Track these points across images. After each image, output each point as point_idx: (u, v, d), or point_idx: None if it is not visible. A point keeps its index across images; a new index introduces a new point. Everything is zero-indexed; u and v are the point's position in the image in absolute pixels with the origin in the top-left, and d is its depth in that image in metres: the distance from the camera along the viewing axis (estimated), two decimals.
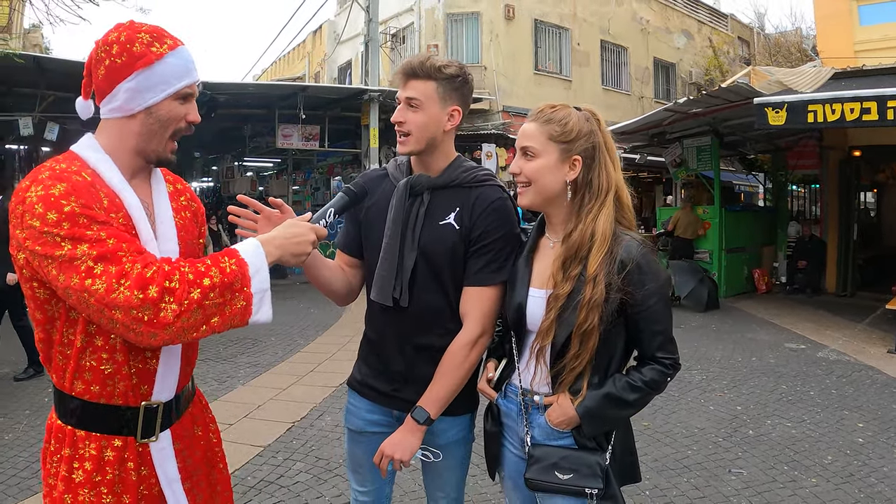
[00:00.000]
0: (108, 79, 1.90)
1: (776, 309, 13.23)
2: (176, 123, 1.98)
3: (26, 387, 7.62)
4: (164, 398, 2.00)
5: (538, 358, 2.31)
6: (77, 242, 1.67)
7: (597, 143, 2.30)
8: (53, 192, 1.71)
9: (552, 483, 2.25)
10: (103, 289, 1.64)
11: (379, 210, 2.60)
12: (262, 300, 1.83)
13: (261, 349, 9.49)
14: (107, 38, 1.92)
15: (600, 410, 2.22)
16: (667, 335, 2.26)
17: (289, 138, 17.37)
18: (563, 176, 2.29)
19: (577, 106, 2.38)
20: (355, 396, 2.74)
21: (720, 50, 28.57)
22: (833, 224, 15.52)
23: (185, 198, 2.24)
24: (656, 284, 2.22)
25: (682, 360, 2.35)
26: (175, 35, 2.00)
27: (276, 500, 4.77)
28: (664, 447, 5.70)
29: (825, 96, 9.75)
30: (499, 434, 2.54)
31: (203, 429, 2.22)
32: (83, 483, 1.89)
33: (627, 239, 2.24)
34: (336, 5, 27.65)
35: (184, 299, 1.67)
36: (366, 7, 17.46)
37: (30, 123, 13.68)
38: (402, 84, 2.50)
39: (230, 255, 1.81)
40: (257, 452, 5.60)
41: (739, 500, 4.71)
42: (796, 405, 6.91)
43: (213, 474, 2.23)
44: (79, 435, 1.91)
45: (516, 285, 2.38)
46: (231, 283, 1.75)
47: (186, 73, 1.97)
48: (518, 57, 21.73)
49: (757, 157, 18.48)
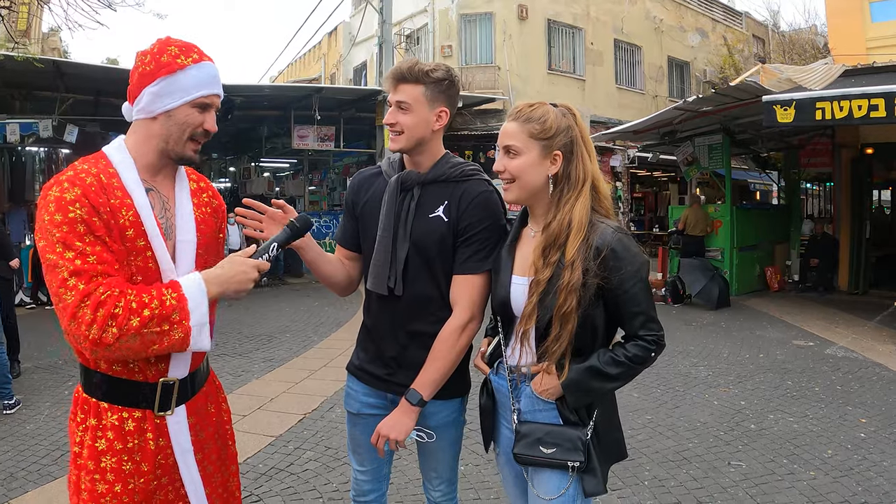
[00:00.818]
0: (138, 83, 2.14)
1: (787, 307, 13.24)
2: (192, 129, 2.18)
3: (47, 380, 7.85)
4: (179, 375, 2.19)
5: (523, 341, 2.44)
6: (66, 248, 1.92)
7: (574, 137, 2.42)
8: (66, 195, 1.96)
9: (537, 457, 2.38)
10: (71, 301, 1.89)
11: (373, 205, 2.77)
12: (200, 332, 2.03)
13: (276, 345, 9.67)
14: (144, 50, 2.16)
15: (583, 383, 2.33)
16: (648, 314, 2.34)
17: (304, 139, 17.50)
18: (545, 171, 2.41)
19: (553, 103, 2.50)
20: (353, 380, 2.91)
21: (735, 48, 28.47)
22: (845, 222, 15.50)
23: (207, 195, 2.43)
24: (633, 268, 2.30)
25: (690, 357, 2.47)
26: (205, 52, 2.21)
27: (285, 486, 4.94)
28: (666, 440, 5.80)
29: (833, 93, 9.78)
30: (492, 409, 2.68)
31: (216, 407, 2.43)
32: (105, 451, 2.09)
33: (603, 226, 2.34)
34: (351, 7, 27.75)
35: (123, 325, 1.89)
36: (379, 9, 17.58)
37: (49, 126, 13.90)
38: (392, 88, 2.66)
39: (173, 289, 2.01)
40: (269, 442, 5.77)
41: (737, 491, 4.80)
42: (800, 400, 6.98)
43: (223, 450, 2.43)
44: (102, 406, 2.12)
45: (500, 273, 2.53)
46: (169, 315, 1.96)
47: (206, 84, 2.17)
48: (531, 57, 21.77)
49: (769, 155, 18.45)
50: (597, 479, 2.38)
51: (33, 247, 13.41)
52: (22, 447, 5.70)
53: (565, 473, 2.37)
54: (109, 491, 2.08)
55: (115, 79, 13.69)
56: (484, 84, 20.98)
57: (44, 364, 8.58)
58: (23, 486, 4.97)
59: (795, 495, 4.74)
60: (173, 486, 2.20)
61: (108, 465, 2.09)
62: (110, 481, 2.08)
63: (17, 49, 12.61)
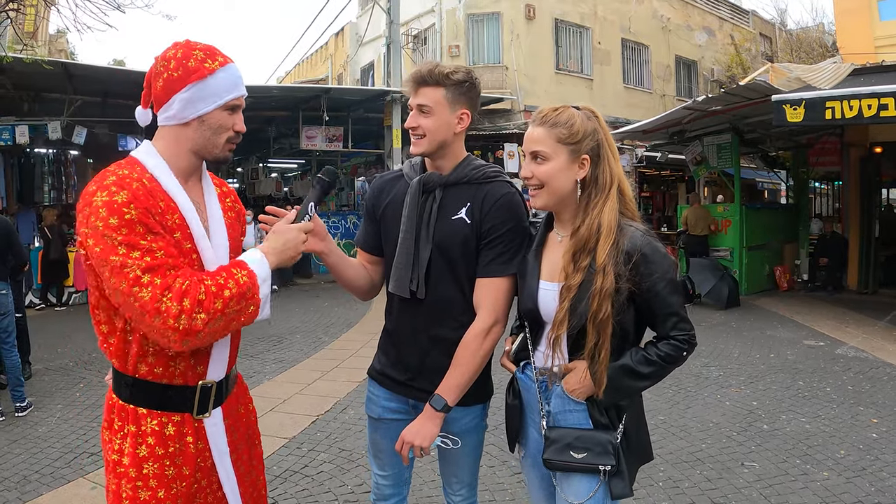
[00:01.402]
0: (165, 90, 2.12)
1: (797, 306, 13.22)
2: (226, 132, 2.20)
3: (59, 382, 7.88)
4: (216, 377, 2.22)
5: (555, 347, 2.42)
6: (131, 249, 1.90)
7: (600, 141, 2.40)
8: (117, 199, 1.94)
9: (568, 462, 2.38)
10: (149, 297, 1.87)
11: (395, 208, 2.76)
12: (265, 303, 2.09)
13: (286, 346, 9.69)
14: (165, 55, 2.15)
15: (616, 381, 2.32)
16: (679, 315, 2.34)
17: (313, 139, 17.52)
18: (574, 175, 2.39)
19: (576, 105, 2.47)
20: (374, 385, 2.90)
21: (742, 47, 28.41)
22: (854, 221, 15.46)
23: (230, 200, 2.45)
24: (662, 271, 2.31)
25: (701, 357, 2.47)
26: (226, 54, 2.21)
27: (300, 488, 4.95)
28: (679, 440, 5.81)
29: (843, 93, 9.75)
30: (519, 408, 2.67)
31: (245, 407, 2.45)
32: (147, 457, 2.09)
33: (631, 230, 2.34)
34: (358, 7, 27.77)
35: (210, 309, 1.92)
36: (387, 9, 17.59)
37: (58, 127, 13.96)
38: (413, 91, 2.65)
39: (241, 268, 2.06)
40: (283, 444, 5.78)
41: (751, 492, 4.80)
42: (811, 401, 6.97)
43: (252, 450, 2.45)
44: (141, 413, 2.12)
45: (527, 278, 2.51)
46: (245, 292, 2.01)
47: (234, 87, 2.18)
48: (539, 56, 21.75)
49: (778, 154, 18.41)
50: (624, 481, 2.39)
51: (42, 248, 13.46)
52: (35, 450, 5.72)
53: (595, 477, 2.38)
54: (153, 497, 2.09)
55: (123, 80, 13.75)
56: (491, 84, 20.96)
57: (54, 366, 8.61)
58: (36, 489, 4.99)
59: (809, 496, 4.74)
60: (211, 488, 2.22)
61: (150, 471, 2.09)
62: (153, 487, 2.09)
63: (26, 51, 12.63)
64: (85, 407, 6.92)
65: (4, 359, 6.92)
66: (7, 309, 6.88)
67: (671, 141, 16.47)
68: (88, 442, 5.89)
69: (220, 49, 2.21)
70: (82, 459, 5.52)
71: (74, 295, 14.04)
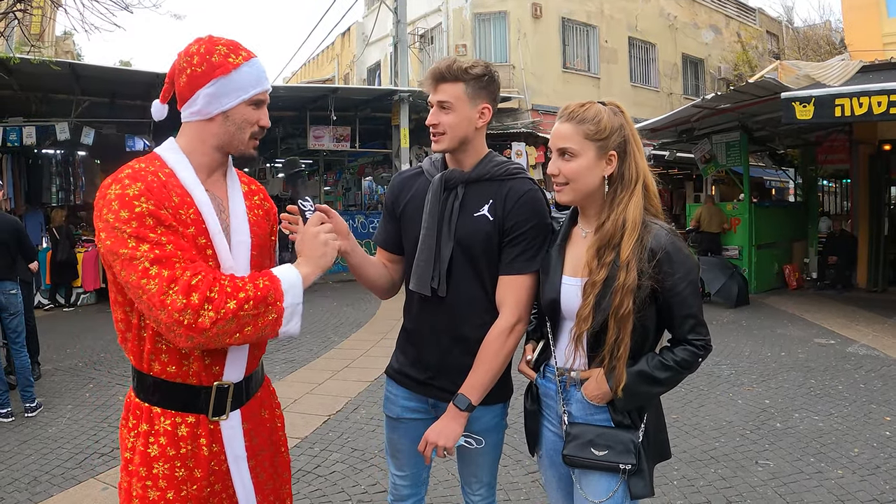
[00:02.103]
0: (189, 85, 2.10)
1: (806, 305, 13.18)
2: (250, 127, 2.17)
3: (68, 383, 7.89)
4: (234, 379, 2.17)
5: (577, 343, 2.40)
6: (140, 242, 1.88)
7: (626, 136, 2.39)
8: (129, 191, 1.93)
9: (588, 459, 2.35)
10: (155, 289, 1.85)
11: (416, 205, 2.73)
12: (292, 314, 2.04)
13: (296, 346, 9.66)
14: (188, 50, 2.13)
15: (633, 386, 2.31)
16: (697, 319, 2.33)
17: (320, 139, 17.50)
18: (601, 172, 2.37)
19: (602, 101, 2.45)
20: (393, 385, 2.87)
21: (749, 44, 28.38)
22: (863, 219, 15.39)
23: (259, 198, 2.42)
24: (685, 271, 2.30)
25: (712, 355, 2.45)
26: (249, 48, 2.19)
27: (313, 488, 4.94)
28: (692, 439, 5.79)
29: (852, 90, 9.73)
30: (538, 413, 2.65)
31: (269, 412, 2.39)
32: (157, 457, 2.06)
33: (656, 228, 2.33)
34: (364, 7, 27.79)
35: (221, 308, 1.88)
36: (394, 9, 17.58)
37: (66, 128, 13.96)
38: (432, 88, 2.62)
39: (264, 274, 2.02)
40: (295, 444, 5.76)
41: (766, 490, 4.78)
42: (824, 399, 6.95)
43: (276, 457, 2.40)
44: (155, 412, 2.09)
45: (550, 273, 2.49)
46: (265, 297, 1.96)
47: (258, 82, 2.16)
48: (546, 55, 21.76)
49: (787, 152, 18.35)
50: (644, 481, 2.37)
51: (50, 249, 13.48)
52: (45, 450, 5.73)
53: (615, 476, 2.35)
54: (161, 498, 2.06)
55: (130, 81, 13.77)
56: None
57: (63, 366, 8.62)
58: (47, 490, 4.99)
59: (824, 494, 4.72)
60: (227, 493, 2.17)
61: (160, 471, 2.06)
62: (162, 488, 2.06)
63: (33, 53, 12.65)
64: (95, 407, 6.92)
65: (14, 359, 6.93)
66: (17, 309, 6.90)
67: (679, 139, 16.44)
68: (99, 442, 5.89)
69: (243, 44, 2.19)
70: (93, 460, 5.51)
71: (83, 296, 14.04)
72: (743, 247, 14.69)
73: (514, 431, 5.62)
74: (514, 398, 2.81)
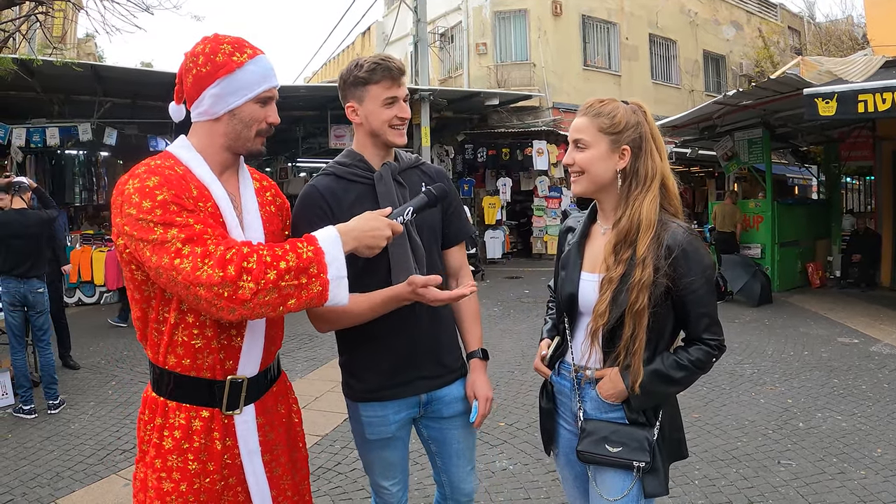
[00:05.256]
0: (195, 86, 2.12)
1: (830, 303, 13.05)
2: (258, 125, 2.18)
3: (91, 380, 7.99)
4: (248, 373, 2.18)
5: (593, 338, 2.42)
6: (168, 227, 1.89)
7: (643, 134, 2.41)
8: (148, 183, 1.94)
9: (602, 455, 2.36)
10: (189, 267, 1.85)
11: (365, 205, 2.54)
12: (338, 286, 2.00)
13: (317, 344, 9.71)
14: (194, 51, 2.14)
15: (648, 386, 2.32)
16: (712, 318, 2.35)
17: (341, 138, 17.54)
18: (614, 165, 2.40)
19: (625, 100, 2.49)
20: (375, 407, 2.72)
21: (770, 40, 28.18)
22: (887, 217, 15.21)
23: (271, 193, 2.43)
24: (701, 269, 2.31)
25: (734, 354, 2.44)
26: (255, 45, 2.19)
27: (334, 485, 4.97)
28: (714, 438, 5.75)
29: (875, 85, 9.62)
30: (553, 411, 2.66)
31: (286, 408, 2.40)
32: (172, 450, 2.09)
33: (674, 226, 2.34)
34: (384, 6, 27.83)
35: (260, 279, 1.86)
36: (414, 8, 17.60)
37: (88, 129, 14.12)
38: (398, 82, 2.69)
39: (309, 242, 1.99)
40: (315, 441, 5.79)
41: (788, 490, 4.75)
42: (847, 398, 6.89)
43: (293, 452, 2.40)
44: (170, 406, 2.12)
45: (569, 269, 2.52)
46: (306, 267, 1.93)
47: (265, 79, 2.16)
48: (566, 53, 21.73)
49: (809, 149, 18.20)
50: (659, 480, 2.38)
51: (73, 248, 13.57)
52: (68, 447, 5.80)
53: (629, 473, 2.36)
54: (175, 490, 2.08)
55: (152, 81, 13.86)
56: (519, 81, 20.96)
57: (87, 364, 8.71)
58: (69, 485, 5.06)
59: (847, 494, 4.68)
60: (242, 486, 2.19)
61: (174, 463, 2.08)
62: (176, 480, 2.08)
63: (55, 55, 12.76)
64: (117, 405, 6.99)
65: (39, 357, 7.04)
66: (44, 307, 6.98)
67: (701, 136, 16.35)
68: (121, 439, 5.95)
69: (248, 41, 2.19)
70: (115, 456, 5.56)
71: (106, 294, 14.16)
72: (766, 245, 14.55)
73: (534, 430, 5.64)
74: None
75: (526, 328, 10.84)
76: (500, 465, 5.24)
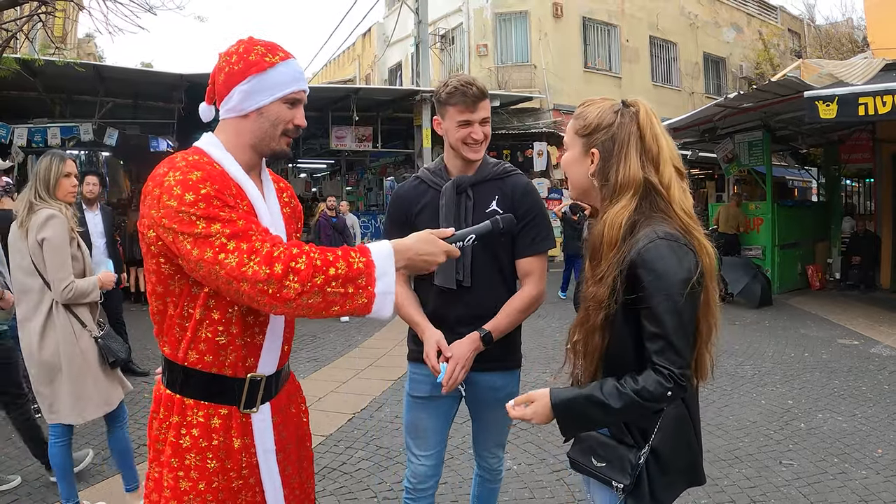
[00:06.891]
0: (226, 83, 2.15)
1: (830, 305, 13.10)
2: (284, 125, 2.20)
3: None
4: (267, 372, 2.20)
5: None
6: (211, 221, 1.90)
7: (616, 136, 2.18)
8: (191, 177, 1.95)
9: (588, 467, 2.23)
10: (235, 262, 1.86)
11: (430, 211, 3.03)
12: (383, 302, 1.99)
13: (320, 344, 9.76)
14: (228, 51, 2.19)
15: (576, 409, 2.10)
16: (668, 340, 1.96)
17: (342, 139, 17.59)
18: (585, 169, 2.26)
19: (625, 99, 2.29)
20: (419, 366, 3.08)
21: (770, 43, 28.24)
22: (887, 219, 15.25)
23: (287, 195, 2.47)
24: (661, 282, 1.98)
25: (735, 356, 2.31)
26: (287, 50, 2.24)
27: (339, 485, 4.99)
28: (716, 439, 5.79)
29: (875, 88, 9.67)
30: None
31: (296, 407, 2.43)
32: (190, 448, 2.09)
33: (644, 231, 2.07)
34: (385, 8, 27.85)
35: (307, 281, 1.86)
36: (415, 9, 17.62)
37: (90, 129, 14.13)
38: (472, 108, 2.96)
39: (362, 253, 2.00)
40: (320, 441, 5.81)
41: (790, 490, 4.79)
42: (848, 400, 6.93)
43: (302, 450, 2.43)
44: (187, 403, 2.12)
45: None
46: (355, 277, 1.94)
47: (294, 81, 2.20)
48: (567, 55, 21.77)
49: (809, 151, 18.23)
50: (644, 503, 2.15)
51: None
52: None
53: (610, 491, 2.17)
54: (193, 489, 2.08)
55: (154, 82, 13.90)
56: (520, 83, 21.00)
57: None
58: None
59: (848, 494, 4.72)
60: (259, 486, 2.19)
61: (192, 462, 2.08)
62: (194, 479, 2.08)
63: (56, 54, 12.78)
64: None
65: None
66: None
67: (702, 139, 16.37)
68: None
69: (282, 46, 2.23)
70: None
71: None
72: (766, 247, 14.60)
73: (538, 430, 5.68)
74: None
75: (528, 328, 10.78)
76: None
